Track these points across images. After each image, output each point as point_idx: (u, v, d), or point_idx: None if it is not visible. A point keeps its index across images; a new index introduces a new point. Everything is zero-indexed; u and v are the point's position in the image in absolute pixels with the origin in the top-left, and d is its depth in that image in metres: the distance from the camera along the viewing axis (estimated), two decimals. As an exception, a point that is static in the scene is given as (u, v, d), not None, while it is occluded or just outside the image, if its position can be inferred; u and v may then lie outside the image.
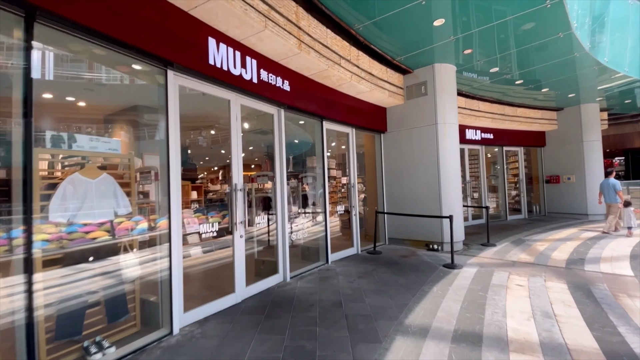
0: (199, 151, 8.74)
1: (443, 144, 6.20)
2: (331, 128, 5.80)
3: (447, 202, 6.16)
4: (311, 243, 5.53)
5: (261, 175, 4.72)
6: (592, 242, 6.58)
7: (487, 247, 6.42)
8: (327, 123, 5.63)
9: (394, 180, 6.89)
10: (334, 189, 7.93)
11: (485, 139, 10.03)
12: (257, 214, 4.77)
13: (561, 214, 10.80)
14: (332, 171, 8.18)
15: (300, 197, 5.98)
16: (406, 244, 6.73)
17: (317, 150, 5.54)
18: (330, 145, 8.29)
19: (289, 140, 7.35)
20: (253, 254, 4.87)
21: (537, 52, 6.01)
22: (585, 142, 10.13)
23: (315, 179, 5.80)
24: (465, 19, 4.69)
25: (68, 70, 3.59)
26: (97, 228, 2.79)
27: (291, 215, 5.56)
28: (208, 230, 3.64)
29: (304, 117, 5.25)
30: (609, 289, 3.85)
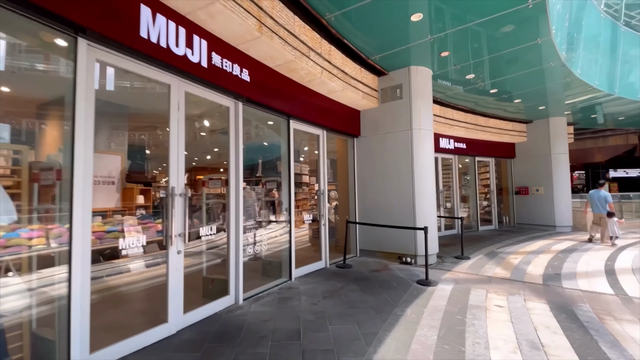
0: (159, 152, 7.88)
1: (418, 151, 5.84)
2: (300, 128, 5.25)
3: (422, 212, 5.77)
4: (274, 256, 4.90)
5: (213, 178, 4.06)
6: (565, 256, 6.46)
7: (461, 260, 6.10)
8: (295, 123, 5.08)
9: (367, 187, 6.44)
10: (306, 196, 7.36)
11: (459, 149, 9.93)
12: (209, 223, 4.08)
13: (530, 225, 10.89)
14: (305, 177, 7.63)
15: (266, 205, 5.35)
16: (378, 256, 6.26)
17: (283, 152, 4.96)
18: (303, 149, 7.75)
19: (257, 143, 6.73)
20: (202, 270, 4.16)
21: (513, 60, 5.85)
22: (553, 154, 10.32)
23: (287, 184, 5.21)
24: (444, 14, 4.36)
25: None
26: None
27: (251, 225, 4.90)
28: (145, 241, 2.92)
29: (269, 115, 4.66)
30: (592, 310, 3.54)
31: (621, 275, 4.95)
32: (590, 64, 7.00)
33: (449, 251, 6.97)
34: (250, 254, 4.38)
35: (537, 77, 6.69)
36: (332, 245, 6.90)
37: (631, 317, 3.30)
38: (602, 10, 7.27)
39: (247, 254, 4.27)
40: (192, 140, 4.92)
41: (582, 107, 9.75)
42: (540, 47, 5.30)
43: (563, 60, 5.79)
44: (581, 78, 6.69)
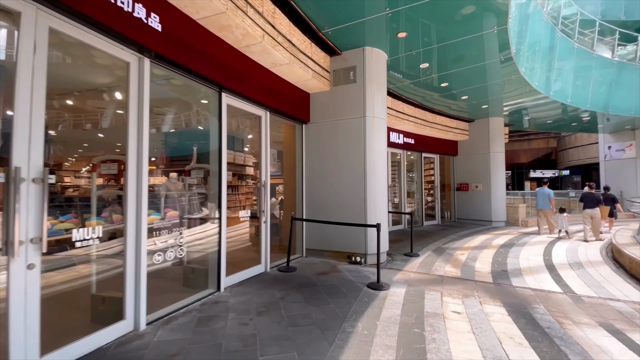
0: (69, 135, 6.20)
1: (371, 141, 5.33)
2: (236, 105, 4.33)
3: (373, 208, 5.29)
4: (201, 262, 3.95)
5: (107, 160, 2.97)
6: (505, 251, 6.57)
7: (411, 258, 5.79)
8: (230, 97, 4.15)
9: (316, 180, 5.77)
10: (251, 189, 6.44)
11: (407, 144, 9.84)
12: (104, 222, 2.99)
13: (469, 220, 11.35)
14: (250, 169, 6.69)
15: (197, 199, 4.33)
16: (326, 255, 5.64)
17: (213, 133, 4.00)
18: (247, 137, 6.77)
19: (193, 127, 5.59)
20: (95, 285, 3.06)
21: (467, 50, 5.66)
22: (492, 153, 10.83)
23: (234, 175, 4.24)
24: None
25: None
26: None
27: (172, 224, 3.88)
28: None
29: (194, 83, 3.67)
30: (548, 312, 3.33)
31: (562, 271, 5.02)
32: (532, 65, 7.22)
33: (398, 248, 6.67)
34: (167, 260, 3.39)
35: (486, 72, 6.66)
36: (277, 244, 6.13)
37: (588, 320, 3.12)
38: (545, 14, 7.58)
39: (161, 260, 3.28)
40: (82, 110, 3.69)
41: (516, 109, 10.35)
42: (496, 37, 5.13)
43: (513, 54, 5.75)
44: (524, 77, 6.85)
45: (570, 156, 24.73)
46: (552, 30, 8.11)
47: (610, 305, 3.52)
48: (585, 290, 4.06)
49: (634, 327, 2.95)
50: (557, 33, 8.25)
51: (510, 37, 5.13)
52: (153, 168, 4.54)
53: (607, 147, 14.25)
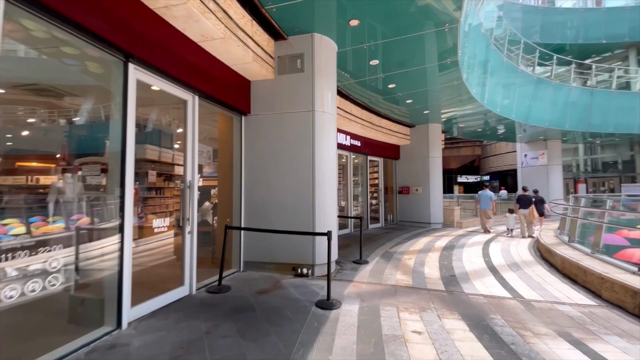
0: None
1: (320, 138, 4.78)
2: (151, 83, 3.38)
3: (322, 213, 4.74)
4: (97, 288, 2.92)
5: None
6: (449, 253, 6.60)
7: (360, 266, 5.38)
8: (142, 71, 3.20)
9: (258, 181, 5.00)
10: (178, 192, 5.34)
11: (354, 146, 9.61)
12: None
13: (410, 222, 11.61)
14: (180, 169, 5.58)
15: (80, 204, 3.23)
16: (268, 268, 4.90)
17: (115, 116, 3.00)
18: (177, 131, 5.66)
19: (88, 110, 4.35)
20: None
21: (418, 49, 5.51)
22: (431, 157, 11.23)
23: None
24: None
25: None
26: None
27: (59, 237, 2.77)
28: None
29: (82, 40, 2.66)
30: (507, 323, 3.11)
31: (504, 273, 5.08)
32: (471, 73, 7.50)
33: (346, 254, 6.24)
34: (42, 288, 2.33)
35: (432, 75, 6.67)
36: (210, 258, 5.19)
37: (546, 330, 2.96)
38: (483, 28, 7.98)
39: (33, 289, 2.22)
40: None
41: (451, 116, 10.92)
42: (446, 36, 5.02)
43: (459, 58, 5.78)
44: (466, 83, 7.04)
45: (490, 163, 27.82)
46: (487, 44, 8.63)
47: (559, 310, 3.48)
48: (531, 294, 4.04)
49: (590, 334, 2.85)
50: (491, 45, 8.81)
51: (460, 38, 5.08)
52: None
53: (523, 155, 16.09)
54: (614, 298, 3.65)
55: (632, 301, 3.36)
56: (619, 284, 3.58)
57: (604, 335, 2.84)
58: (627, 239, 7.73)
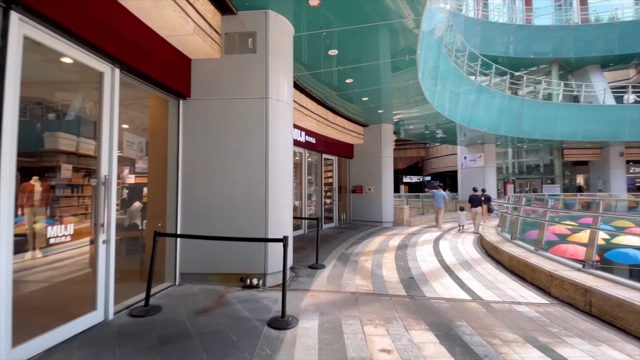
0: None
1: (275, 130, 4.23)
2: (50, 44, 2.51)
3: (277, 215, 4.20)
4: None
5: None
6: (403, 253, 6.53)
7: (317, 271, 4.96)
8: (32, 25, 2.33)
9: (199, 178, 4.26)
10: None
11: (309, 143, 9.18)
12: None
13: (362, 221, 11.58)
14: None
15: None
16: (211, 280, 4.20)
17: (-15, 82, 2.12)
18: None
19: None
20: None
21: (378, 41, 5.26)
22: (383, 157, 11.31)
23: None
24: None
25: None
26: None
27: None
28: None
29: None
30: (474, 330, 2.93)
31: (458, 272, 5.07)
32: (424, 74, 7.56)
33: (301, 258, 5.78)
34: None
35: (390, 72, 6.52)
36: (138, 270, 4.31)
37: (513, 336, 2.83)
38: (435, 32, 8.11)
39: None
40: None
41: (402, 118, 11.14)
42: (407, 29, 4.83)
43: (417, 56, 5.67)
44: (421, 83, 7.05)
45: (432, 165, 29.70)
46: (439, 48, 8.85)
47: (518, 311, 3.43)
48: (487, 294, 4.00)
49: (554, 338, 2.78)
50: (442, 50, 9.07)
51: (421, 34, 4.93)
52: None
53: (463, 157, 17.28)
54: (564, 295, 3.74)
55: (582, 299, 3.44)
56: (569, 281, 3.67)
57: (566, 337, 2.79)
58: (554, 234, 8.55)
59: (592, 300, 3.30)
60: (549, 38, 16.43)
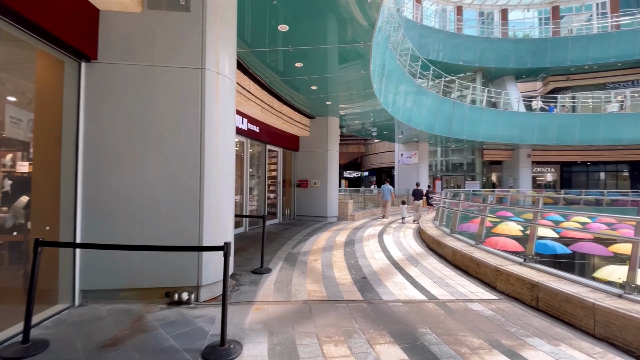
0: None
1: (213, 110, 3.47)
2: None
3: (215, 215, 3.47)
4: None
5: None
6: (351, 250, 6.31)
7: (262, 276, 4.37)
8: None
9: (110, 165, 3.29)
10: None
11: (252, 132, 8.38)
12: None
13: (307, 216, 11.21)
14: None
15: None
16: (126, 298, 3.30)
17: None
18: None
19: None
20: None
21: (333, 25, 4.80)
22: (329, 151, 11.04)
23: None
24: None
25: None
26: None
27: None
28: None
29: None
30: (439, 338, 2.70)
31: (408, 269, 4.98)
32: (374, 68, 7.39)
33: (243, 261, 5.10)
34: None
35: (342, 60, 6.15)
36: (22, 287, 3.16)
37: (478, 341, 2.67)
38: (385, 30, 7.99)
39: None
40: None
41: (347, 112, 11.01)
42: (366, 10, 4.46)
43: (371, 43, 5.38)
44: (371, 75, 6.85)
45: (371, 161, 30.91)
46: (387, 45, 8.81)
47: (473, 311, 3.36)
48: (441, 293, 3.91)
49: (515, 340, 2.69)
50: (389, 44, 9.07)
51: (379, 19, 4.61)
52: None
53: (400, 155, 18.11)
54: (510, 290, 3.81)
55: (529, 294, 3.51)
56: (516, 276, 3.74)
57: (526, 337, 2.74)
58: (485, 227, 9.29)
59: (540, 295, 3.37)
60: (475, 48, 18.08)
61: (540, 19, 22.04)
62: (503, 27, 19.87)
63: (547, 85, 19.98)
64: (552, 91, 19.54)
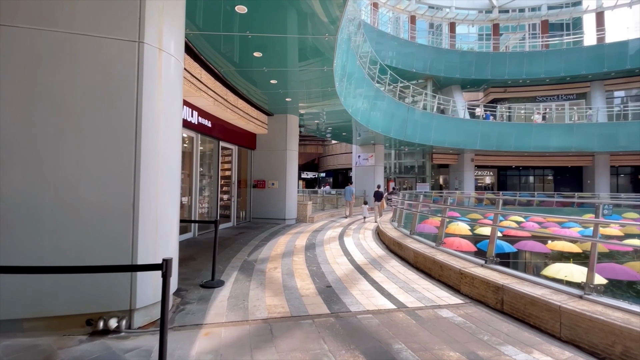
0: None
1: (154, 93, 2.87)
2: None
3: (153, 224, 2.87)
4: None
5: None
6: (312, 255, 5.98)
7: (213, 291, 3.82)
8: None
9: (9, 159, 2.51)
10: None
11: (203, 126, 7.62)
12: None
13: (264, 219, 10.64)
14: None
15: None
16: (32, 330, 2.55)
17: None
18: None
19: None
20: None
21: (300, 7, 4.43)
22: (288, 150, 10.62)
23: None
24: None
25: None
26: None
27: None
28: None
29: None
30: (417, 355, 2.47)
31: (372, 274, 4.78)
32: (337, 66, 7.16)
33: (190, 273, 4.47)
34: None
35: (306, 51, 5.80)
36: None
37: (456, 355, 2.48)
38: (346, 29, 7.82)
39: None
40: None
41: (307, 112, 10.71)
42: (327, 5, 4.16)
43: (337, 37, 5.11)
44: (334, 72, 6.60)
45: (328, 162, 31.04)
46: (348, 44, 8.66)
47: (444, 318, 3.22)
48: (409, 299, 3.74)
49: (490, 349, 2.57)
50: (350, 44, 8.94)
51: (345, 13, 4.35)
52: None
53: (357, 156, 18.31)
54: (475, 293, 3.78)
55: (494, 297, 3.49)
56: (480, 279, 3.71)
57: (499, 346, 2.63)
58: (436, 227, 9.59)
59: (505, 298, 3.35)
60: (426, 57, 19.04)
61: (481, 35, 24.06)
62: (451, 39, 21.23)
63: (488, 95, 21.80)
64: (492, 101, 21.35)
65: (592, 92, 18.98)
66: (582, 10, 19.94)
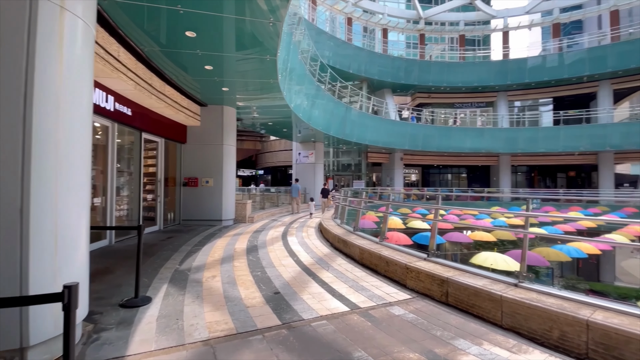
0: None
1: (51, 63, 2.18)
2: None
3: (48, 230, 2.18)
4: None
5: None
6: (255, 259, 5.57)
7: (137, 311, 3.18)
8: None
9: None
10: None
11: (121, 114, 6.51)
12: None
13: (196, 220, 9.68)
14: None
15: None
16: None
17: None
18: None
19: None
20: None
21: None
22: (225, 145, 9.83)
23: None
24: None
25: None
26: None
27: None
28: None
29: None
30: (378, 362, 2.35)
31: (320, 274, 4.62)
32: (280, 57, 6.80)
33: (107, 290, 3.69)
34: None
35: (249, 37, 5.31)
36: None
37: (415, 356, 2.43)
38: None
39: None
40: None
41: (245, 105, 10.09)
42: None
43: (282, 24, 4.77)
44: (278, 61, 6.24)
45: (266, 159, 30.20)
46: (290, 39, 8.34)
47: (396, 316, 3.20)
48: (360, 299, 3.66)
49: (446, 346, 2.59)
50: (293, 38, 8.63)
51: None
52: None
53: (298, 153, 18.10)
54: (420, 287, 3.88)
55: (439, 289, 3.62)
56: (425, 273, 3.83)
57: (453, 340, 2.68)
58: (374, 222, 9.96)
59: (449, 290, 3.49)
60: (361, 60, 19.80)
61: (409, 43, 26.04)
62: (384, 44, 22.46)
63: (415, 100, 23.72)
64: (418, 105, 23.28)
65: (498, 101, 22.08)
66: (491, 28, 23.02)
